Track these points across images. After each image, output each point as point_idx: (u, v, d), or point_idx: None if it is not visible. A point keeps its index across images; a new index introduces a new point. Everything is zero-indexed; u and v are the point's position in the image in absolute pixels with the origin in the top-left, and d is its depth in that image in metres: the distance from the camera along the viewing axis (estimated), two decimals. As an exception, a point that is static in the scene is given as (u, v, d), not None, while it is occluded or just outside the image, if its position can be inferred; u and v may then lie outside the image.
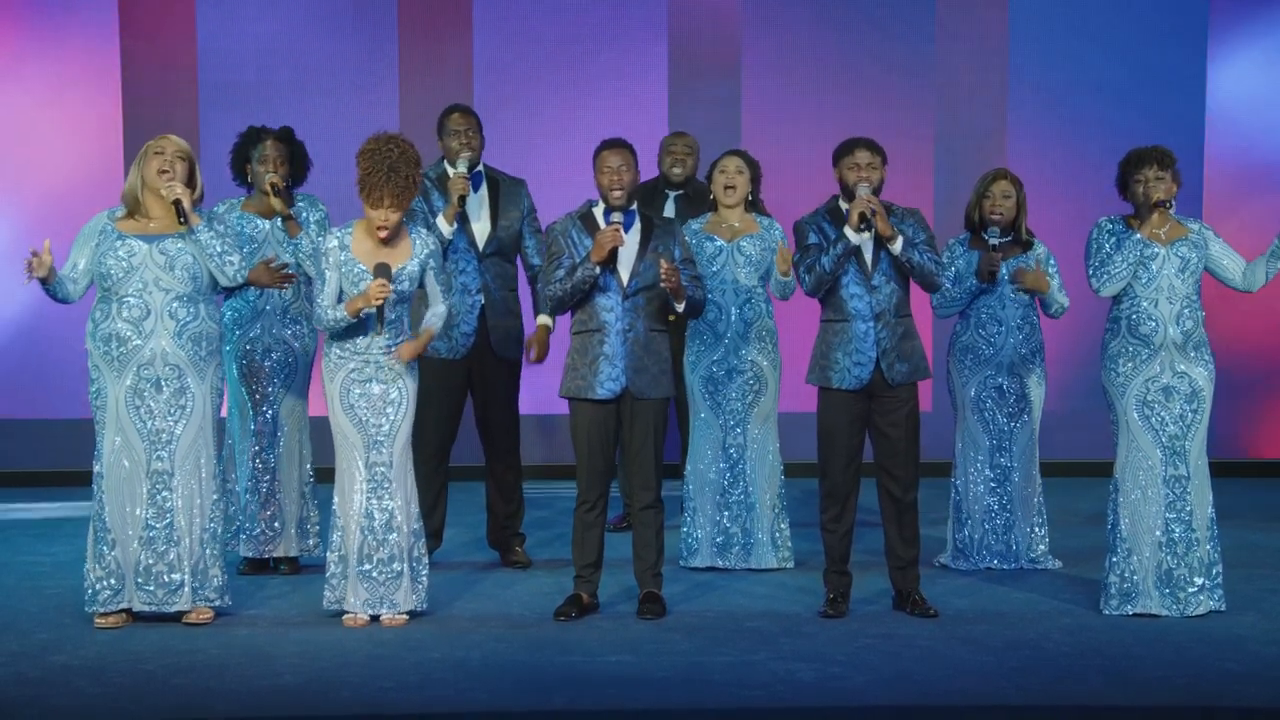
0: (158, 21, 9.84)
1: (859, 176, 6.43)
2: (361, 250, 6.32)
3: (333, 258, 6.32)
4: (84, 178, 9.56)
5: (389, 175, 6.20)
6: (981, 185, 7.32)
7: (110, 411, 6.25)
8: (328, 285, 6.31)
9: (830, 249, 6.40)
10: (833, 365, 6.48)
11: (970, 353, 7.35)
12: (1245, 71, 10.26)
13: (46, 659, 5.85)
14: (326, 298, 6.31)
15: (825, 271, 6.42)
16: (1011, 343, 7.32)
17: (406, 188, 6.25)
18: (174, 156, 6.30)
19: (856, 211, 6.35)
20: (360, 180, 6.25)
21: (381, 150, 6.23)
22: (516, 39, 9.99)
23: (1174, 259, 6.45)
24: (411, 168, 6.26)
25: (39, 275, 6.17)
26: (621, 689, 5.53)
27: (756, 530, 7.35)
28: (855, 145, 6.49)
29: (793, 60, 10.07)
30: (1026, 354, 7.34)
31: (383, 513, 6.32)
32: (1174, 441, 6.46)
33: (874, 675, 5.70)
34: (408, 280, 6.33)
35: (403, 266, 6.31)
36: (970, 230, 7.35)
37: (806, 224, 6.52)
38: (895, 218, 6.48)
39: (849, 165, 6.46)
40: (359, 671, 5.70)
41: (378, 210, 6.25)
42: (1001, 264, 7.25)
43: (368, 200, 6.26)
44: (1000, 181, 7.29)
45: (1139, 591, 6.47)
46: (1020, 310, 7.32)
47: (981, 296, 7.29)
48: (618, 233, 6.39)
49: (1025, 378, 7.34)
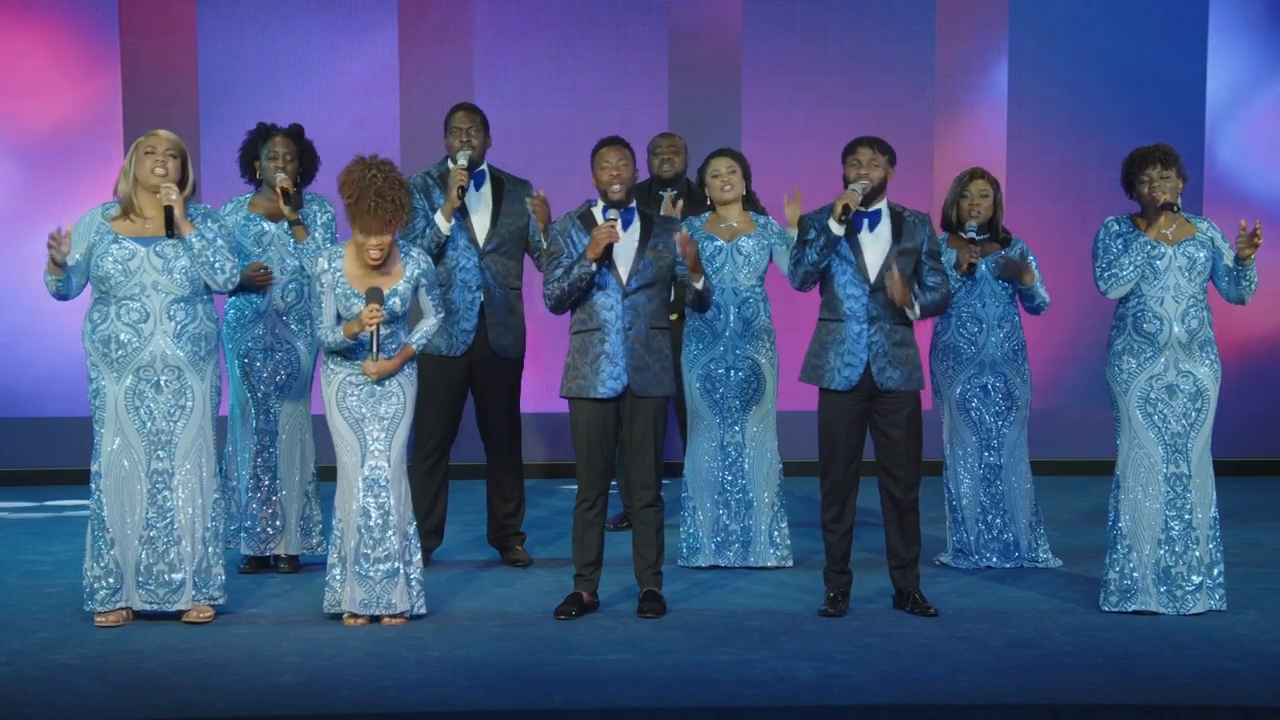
0: (158, 21, 9.84)
1: (857, 173, 6.45)
2: (353, 274, 6.30)
3: (326, 281, 6.31)
4: (84, 178, 9.54)
5: (377, 201, 6.16)
6: (959, 185, 7.34)
7: (109, 412, 6.25)
8: (325, 309, 6.31)
9: (814, 241, 6.41)
10: (824, 364, 6.49)
11: (953, 352, 7.37)
12: (1246, 71, 10.26)
13: (46, 658, 5.85)
14: (325, 319, 6.31)
15: (809, 263, 6.43)
16: (994, 340, 7.33)
17: (396, 211, 6.21)
18: (165, 155, 6.24)
19: (840, 203, 6.37)
20: (348, 209, 6.21)
21: (367, 179, 6.18)
22: (516, 39, 9.98)
23: (1181, 258, 6.45)
24: (397, 191, 6.20)
25: (57, 256, 6.08)
26: (622, 687, 5.53)
27: (755, 529, 7.35)
28: (859, 144, 6.52)
29: (793, 60, 10.07)
30: (1009, 351, 7.35)
31: (380, 513, 6.31)
32: (1176, 439, 6.46)
33: (874, 674, 5.70)
34: (400, 301, 6.32)
35: (394, 289, 6.31)
36: (947, 229, 7.37)
37: (809, 219, 6.54)
38: (906, 222, 6.49)
39: (851, 163, 6.49)
40: (359, 670, 5.70)
41: (370, 237, 6.23)
42: (981, 260, 7.26)
43: (358, 227, 6.21)
44: (978, 180, 7.31)
45: (1139, 589, 6.47)
46: (1000, 308, 7.33)
47: (962, 295, 7.30)
48: (613, 229, 6.39)
49: (1010, 375, 7.35)
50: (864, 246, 6.46)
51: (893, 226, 6.48)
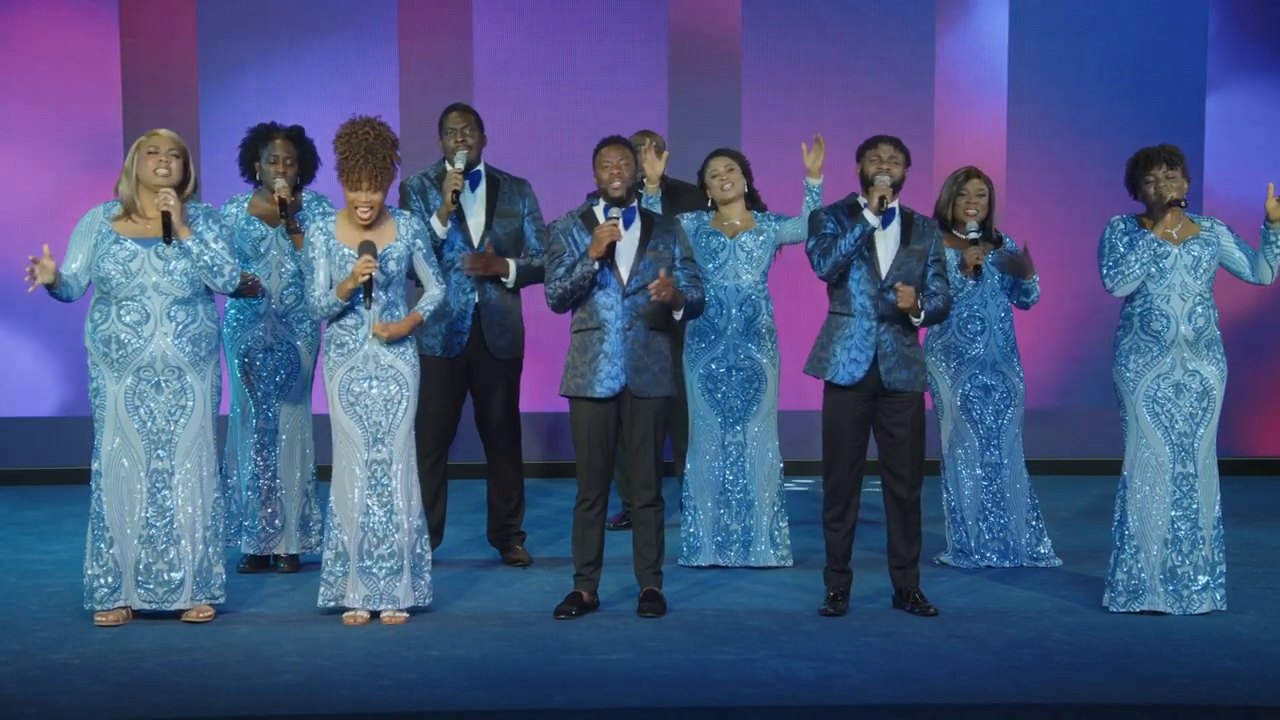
0: (158, 21, 9.84)
1: (879, 168, 6.46)
2: (346, 236, 6.34)
3: (319, 247, 6.33)
4: (84, 178, 9.54)
5: (366, 157, 6.24)
6: (954, 184, 7.34)
7: (109, 411, 6.25)
8: (318, 274, 6.33)
9: (848, 232, 6.41)
10: (830, 358, 6.49)
11: (953, 352, 7.37)
12: (1246, 71, 10.26)
13: (46, 657, 5.85)
14: (318, 286, 6.33)
15: (842, 253, 6.42)
16: (994, 341, 7.34)
17: (384, 168, 6.28)
18: (168, 154, 6.24)
19: (877, 194, 6.40)
20: (339, 164, 6.29)
21: (358, 133, 6.27)
22: (516, 39, 9.98)
23: (1187, 256, 6.46)
24: (388, 148, 6.29)
25: (44, 281, 6.12)
26: (622, 687, 5.53)
27: (756, 528, 7.35)
28: (880, 140, 6.55)
29: (793, 60, 10.06)
30: (1008, 350, 7.37)
31: (383, 509, 6.32)
32: (1182, 439, 6.46)
33: (874, 673, 5.70)
34: (394, 261, 6.33)
35: (389, 247, 6.32)
36: (942, 229, 7.36)
37: (824, 214, 6.54)
38: (916, 225, 6.50)
39: (871, 159, 6.50)
40: (359, 670, 5.70)
41: (357, 192, 6.28)
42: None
43: (347, 183, 6.29)
44: (974, 180, 7.31)
45: (1146, 589, 6.47)
46: (1001, 308, 7.34)
47: (963, 295, 7.30)
48: (615, 227, 6.39)
49: (1008, 374, 7.36)
50: (877, 245, 6.47)
51: (902, 227, 6.50)
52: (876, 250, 6.47)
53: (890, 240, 6.49)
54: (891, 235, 6.50)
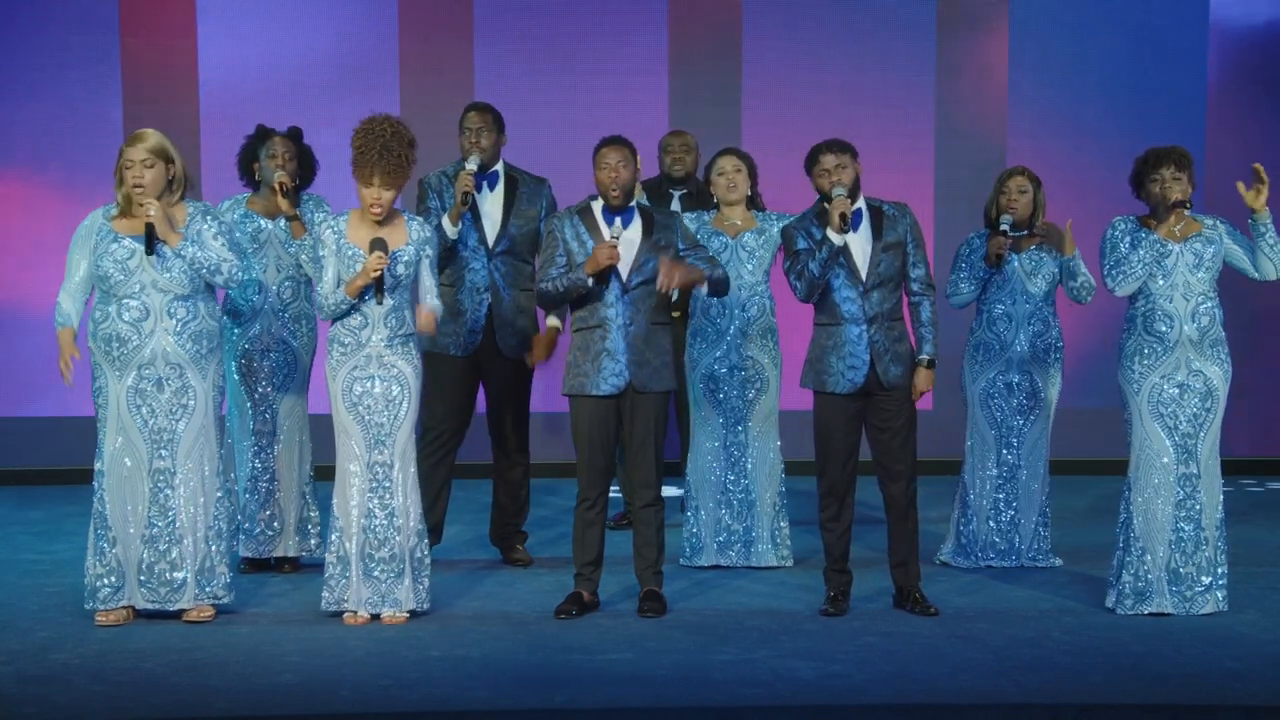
0: (158, 21, 9.84)
1: (830, 181, 6.44)
2: (356, 236, 6.34)
3: (329, 244, 6.33)
4: (84, 178, 9.54)
5: (381, 153, 6.23)
6: (998, 182, 7.35)
7: (111, 411, 6.25)
8: (327, 272, 6.33)
9: (817, 253, 6.41)
10: (827, 369, 6.48)
11: (983, 349, 7.36)
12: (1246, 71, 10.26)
13: (47, 657, 5.85)
14: (326, 284, 6.33)
15: (815, 276, 6.42)
16: (1023, 338, 7.31)
17: (398, 166, 6.27)
18: (142, 167, 6.19)
19: (836, 213, 6.36)
20: (354, 159, 6.29)
21: (375, 129, 6.28)
22: (517, 38, 9.99)
23: (1189, 255, 6.46)
24: (404, 147, 6.29)
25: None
26: (622, 687, 5.53)
27: (757, 528, 7.35)
28: (819, 151, 6.49)
29: (793, 59, 10.07)
30: (1040, 350, 7.33)
31: (384, 511, 6.32)
32: (1186, 440, 6.46)
33: (874, 673, 5.70)
34: (404, 264, 6.33)
35: (400, 249, 6.32)
36: (989, 226, 7.36)
37: (794, 229, 6.52)
38: (886, 217, 6.49)
39: (818, 173, 6.48)
40: (359, 670, 5.70)
41: (370, 189, 6.27)
42: (1012, 256, 7.25)
43: (359, 178, 6.29)
44: (1016, 177, 7.30)
45: (1153, 591, 6.46)
46: (1032, 306, 7.31)
47: (995, 291, 7.29)
48: (614, 250, 6.39)
49: (1037, 375, 7.33)
50: (851, 248, 6.46)
51: (872, 222, 6.49)
52: (853, 254, 6.46)
53: (864, 239, 6.47)
54: (864, 234, 6.47)
